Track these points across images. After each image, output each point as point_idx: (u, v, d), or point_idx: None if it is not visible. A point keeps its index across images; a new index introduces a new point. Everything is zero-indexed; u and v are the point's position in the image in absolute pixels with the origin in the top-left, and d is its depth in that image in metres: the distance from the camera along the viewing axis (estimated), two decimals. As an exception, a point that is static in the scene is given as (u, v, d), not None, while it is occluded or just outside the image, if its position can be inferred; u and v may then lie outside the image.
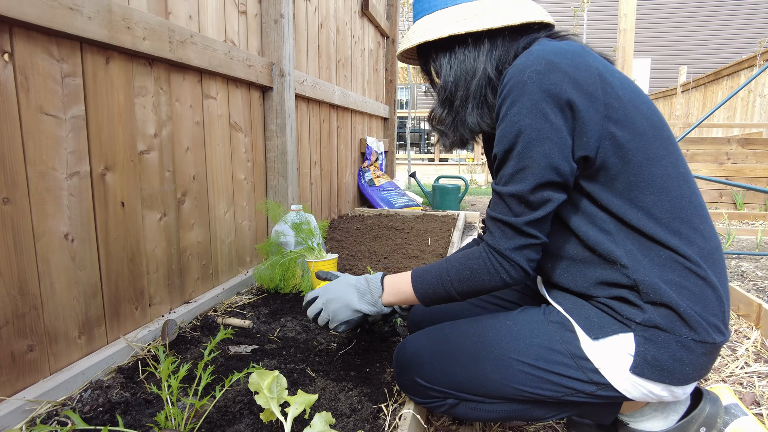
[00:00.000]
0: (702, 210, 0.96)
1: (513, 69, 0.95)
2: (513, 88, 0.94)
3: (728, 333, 0.94)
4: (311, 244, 1.93)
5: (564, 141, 0.92)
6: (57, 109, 1.21)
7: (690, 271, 0.91)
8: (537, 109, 0.91)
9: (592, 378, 0.97)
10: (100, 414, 1.16)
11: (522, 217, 0.96)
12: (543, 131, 0.91)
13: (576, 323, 1.00)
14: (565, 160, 0.92)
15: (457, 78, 1.09)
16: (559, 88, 0.90)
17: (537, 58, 0.93)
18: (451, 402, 1.09)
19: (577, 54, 0.94)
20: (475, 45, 1.06)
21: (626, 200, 0.94)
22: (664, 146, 0.95)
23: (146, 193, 1.54)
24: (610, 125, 0.92)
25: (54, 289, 1.23)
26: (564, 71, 0.91)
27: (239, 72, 1.96)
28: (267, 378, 1.07)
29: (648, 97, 1.00)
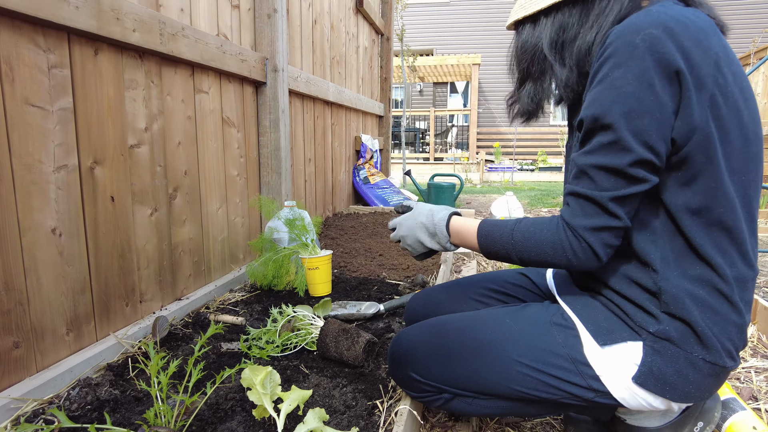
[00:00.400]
0: (753, 235, 0.90)
1: (623, 27, 0.85)
2: (620, 49, 0.84)
3: (739, 361, 0.90)
4: (305, 241, 1.91)
5: (667, 118, 0.82)
6: (44, 101, 1.18)
7: (721, 292, 0.86)
8: (645, 77, 0.81)
9: (591, 385, 0.94)
10: (88, 412, 1.13)
11: (609, 191, 0.86)
12: (646, 103, 0.82)
13: (584, 326, 0.96)
14: (663, 140, 0.83)
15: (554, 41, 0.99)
16: (673, 60, 0.80)
17: (655, 21, 0.82)
18: (446, 396, 1.07)
19: (701, 30, 0.84)
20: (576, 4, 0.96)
21: (690, 203, 0.86)
22: (749, 161, 0.87)
23: (137, 188, 1.52)
24: (709, 120, 0.83)
25: (41, 284, 1.20)
26: (681, 44, 0.81)
27: (232, 66, 1.94)
28: (260, 374, 1.05)
29: (755, 103, 0.91)
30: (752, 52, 6.34)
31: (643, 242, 0.90)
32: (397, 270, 2.28)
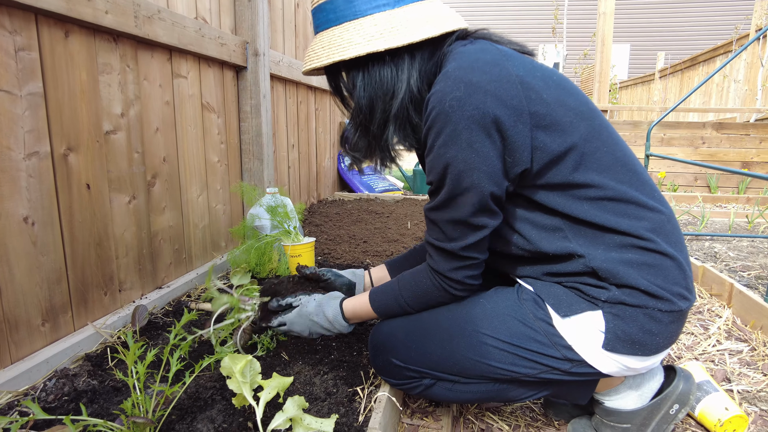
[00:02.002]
0: (646, 186, 0.96)
1: (434, 97, 0.91)
2: (436, 119, 0.90)
3: (693, 297, 0.95)
4: (288, 228, 1.89)
5: (493, 167, 0.90)
6: (11, 85, 1.14)
7: (644, 249, 0.92)
8: (462, 139, 0.88)
9: (565, 355, 0.97)
10: (65, 403, 1.12)
11: (458, 242, 0.97)
12: (470, 161, 0.89)
13: (546, 302, 1.00)
14: (496, 185, 0.92)
15: (374, 99, 1.00)
16: (482, 111, 0.87)
17: (455, 82, 0.88)
18: (427, 382, 1.08)
19: (495, 63, 0.90)
20: (393, 61, 0.97)
21: (569, 197, 0.94)
22: (597, 136, 0.94)
23: (114, 175, 1.49)
24: (539, 133, 0.91)
25: (13, 274, 1.18)
26: (485, 90, 0.87)
27: (211, 50, 1.90)
28: (239, 362, 1.04)
29: (575, 87, 0.99)
30: (734, 39, 6.39)
31: (557, 242, 0.96)
32: (381, 257, 2.28)
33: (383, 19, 0.94)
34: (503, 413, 1.28)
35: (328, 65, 0.99)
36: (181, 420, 1.07)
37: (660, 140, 5.25)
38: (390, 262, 1.42)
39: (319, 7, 1.00)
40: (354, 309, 1.18)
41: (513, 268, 1.06)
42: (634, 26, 13.80)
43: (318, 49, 1.00)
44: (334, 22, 0.97)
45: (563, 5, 10.94)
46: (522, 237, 0.99)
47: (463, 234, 0.96)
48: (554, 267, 0.98)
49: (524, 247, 0.99)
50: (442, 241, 0.99)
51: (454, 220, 0.95)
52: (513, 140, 0.89)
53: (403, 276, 1.11)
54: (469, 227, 0.95)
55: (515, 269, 1.06)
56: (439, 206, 0.96)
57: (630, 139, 5.28)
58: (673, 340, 0.96)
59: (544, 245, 0.96)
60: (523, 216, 0.98)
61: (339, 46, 0.96)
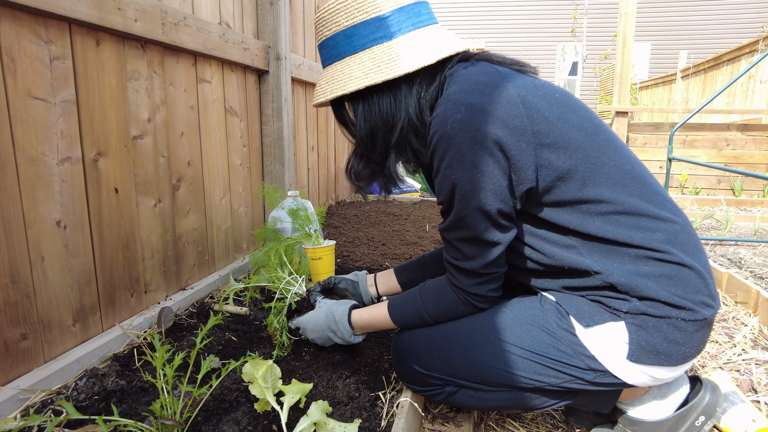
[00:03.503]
0: (658, 197, 0.96)
1: (435, 120, 0.92)
2: (439, 142, 0.91)
3: (717, 304, 0.94)
4: (308, 231, 1.91)
5: (499, 185, 0.91)
6: (46, 93, 1.18)
7: (661, 260, 0.91)
8: (465, 160, 0.90)
9: (589, 365, 0.97)
10: (96, 402, 1.15)
11: (476, 260, 0.98)
12: (476, 181, 0.90)
13: (568, 312, 1.00)
14: (503, 203, 0.92)
15: (374, 129, 1.03)
16: (483, 133, 0.88)
17: (456, 105, 0.90)
18: (449, 390, 1.09)
19: (495, 85, 0.92)
20: (392, 92, 1.00)
21: (579, 213, 0.94)
22: (602, 151, 0.94)
23: (140, 179, 1.52)
24: (543, 151, 0.91)
25: (47, 276, 1.21)
26: (485, 112, 0.89)
27: (234, 55, 1.92)
28: (261, 367, 1.06)
29: (578, 102, 0.99)
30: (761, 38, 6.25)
31: (571, 258, 0.96)
32: (400, 259, 2.29)
33: (381, 51, 0.97)
34: (524, 420, 1.28)
35: (333, 99, 1.03)
36: (207, 422, 1.09)
37: (682, 142, 5.17)
38: (399, 269, 1.44)
39: (322, 44, 1.05)
40: (370, 317, 1.20)
41: (533, 281, 1.07)
42: (655, 24, 13.57)
43: (323, 84, 1.04)
44: (336, 57, 1.02)
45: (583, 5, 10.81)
46: (538, 252, 1.00)
47: (479, 252, 0.98)
48: (572, 281, 0.99)
49: (541, 262, 1.00)
50: (461, 260, 1.00)
51: (468, 239, 0.97)
52: (516, 159, 0.90)
53: (425, 288, 1.12)
54: (484, 244, 0.97)
55: (535, 282, 1.07)
56: (451, 227, 0.98)
57: (651, 141, 5.20)
58: (700, 349, 0.95)
59: (560, 260, 0.97)
60: (537, 233, 0.99)
61: (340, 81, 1.00)
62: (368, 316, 1.20)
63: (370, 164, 1.09)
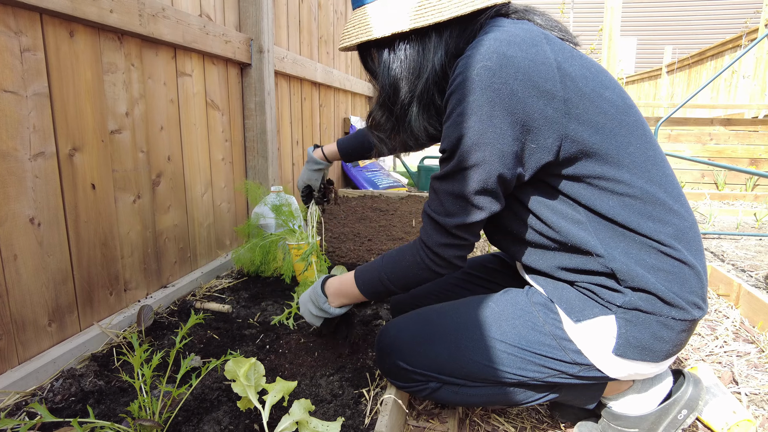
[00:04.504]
0: (674, 189, 0.94)
1: (463, 62, 0.88)
2: (460, 85, 0.87)
3: (706, 307, 0.94)
4: (292, 227, 1.88)
5: (507, 147, 0.87)
6: (17, 86, 1.14)
7: (666, 254, 0.90)
8: (482, 111, 0.85)
9: (574, 359, 0.97)
10: (72, 404, 1.12)
11: (453, 218, 0.94)
12: (485, 136, 0.86)
13: (558, 305, 1.00)
14: (506, 167, 0.89)
15: (398, 79, 0.98)
16: (510, 88, 0.84)
17: (488, 51, 0.85)
18: (433, 386, 1.08)
19: (534, 43, 0.87)
20: (419, 40, 0.96)
21: (594, 189, 0.91)
22: (630, 132, 0.92)
23: (119, 174, 1.48)
24: (571, 122, 0.87)
25: (20, 275, 1.18)
26: (518, 67, 0.84)
27: (216, 48, 1.89)
28: (243, 365, 1.04)
29: (614, 80, 0.96)
30: (744, 33, 6.32)
31: (578, 234, 0.93)
32: (386, 255, 2.27)
33: None
34: (509, 415, 1.28)
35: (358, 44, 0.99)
36: (188, 422, 1.07)
37: (667, 136, 5.21)
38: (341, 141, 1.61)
39: None
40: (340, 283, 1.17)
41: (529, 256, 1.03)
42: (641, 19, 13.67)
43: (350, 28, 1.00)
44: (365, 1, 0.97)
45: None
46: (544, 223, 0.96)
47: (460, 210, 0.93)
48: (571, 261, 0.96)
49: (545, 234, 0.97)
50: (439, 214, 0.96)
51: (455, 194, 0.93)
52: (538, 125, 0.86)
53: (388, 253, 1.10)
54: (468, 205, 0.92)
55: (531, 258, 1.03)
56: (444, 176, 0.94)
57: (636, 135, 5.23)
58: (681, 348, 0.95)
59: (565, 233, 0.94)
60: (547, 204, 0.95)
61: (367, 25, 0.96)
62: (338, 282, 1.17)
63: (391, 116, 1.03)
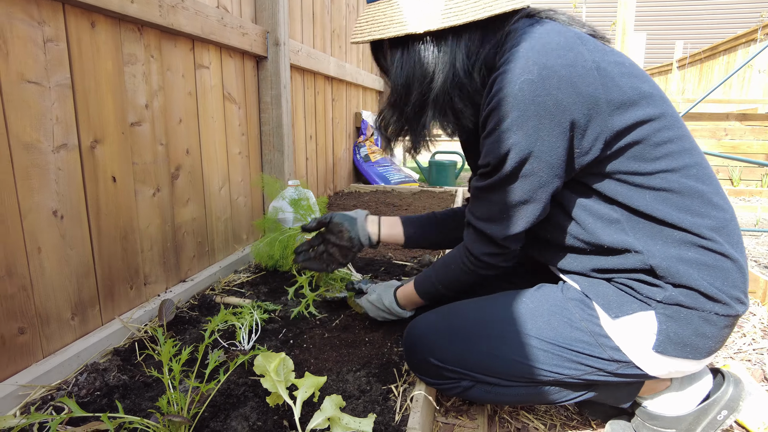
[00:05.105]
0: (711, 181, 0.92)
1: (502, 78, 0.86)
2: (503, 101, 0.85)
3: (748, 301, 0.91)
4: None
5: (557, 158, 0.87)
6: (40, 77, 1.12)
7: (706, 248, 0.87)
8: (529, 125, 0.84)
9: (612, 356, 0.95)
10: (98, 398, 1.11)
11: (501, 228, 0.96)
12: (534, 149, 0.86)
13: (594, 302, 0.97)
14: (556, 177, 0.89)
15: (410, 81, 0.96)
16: (555, 99, 0.83)
17: (527, 64, 0.84)
18: (465, 384, 1.05)
19: (570, 47, 0.86)
20: (436, 42, 0.93)
21: (632, 187, 0.90)
22: (669, 126, 0.90)
23: (139, 167, 1.47)
24: (613, 121, 0.86)
25: (44, 268, 1.16)
26: (560, 76, 0.83)
27: (233, 40, 1.86)
28: (273, 360, 1.02)
29: (645, 73, 0.95)
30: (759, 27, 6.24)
31: (614, 234, 0.92)
32: (402, 251, 2.25)
33: None
34: (537, 412, 1.26)
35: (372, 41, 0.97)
36: (215, 417, 1.05)
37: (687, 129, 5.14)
38: (406, 221, 1.43)
39: None
40: (405, 294, 1.28)
41: (561, 259, 1.02)
42: (650, 14, 13.53)
43: (363, 24, 0.98)
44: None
45: (579, -8, 10.74)
46: (579, 225, 0.95)
47: (506, 220, 0.94)
48: (607, 261, 0.94)
49: (579, 237, 0.95)
50: (485, 221, 0.97)
51: (502, 204, 0.93)
52: (584, 130, 0.85)
53: (438, 262, 1.16)
54: (515, 215, 0.93)
55: (563, 261, 1.02)
56: (490, 188, 0.94)
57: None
58: (723, 344, 0.93)
59: (600, 235, 0.92)
60: (582, 204, 0.94)
61: (380, 23, 0.93)
62: (402, 293, 1.28)
63: (402, 117, 1.01)
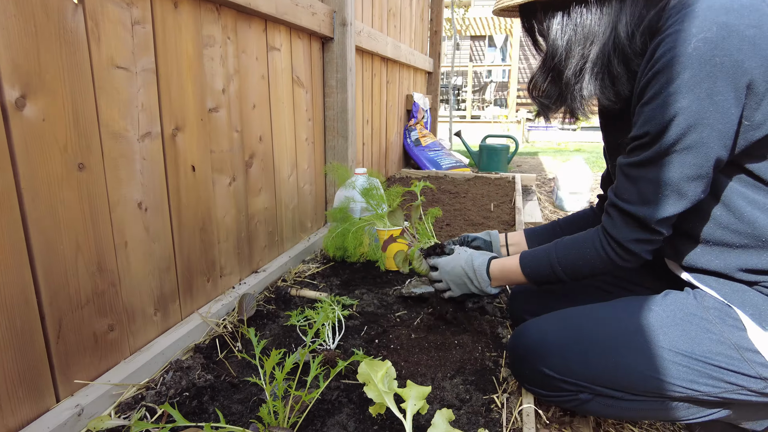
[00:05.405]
0: None
1: (671, 38, 0.77)
2: (672, 62, 0.77)
3: None
4: (381, 212, 1.78)
5: (729, 127, 0.77)
6: (128, 61, 1.06)
7: None
8: (702, 87, 0.75)
9: (761, 373, 0.84)
10: (187, 399, 1.07)
11: (654, 209, 0.85)
12: (705, 115, 0.76)
13: (740, 311, 0.86)
14: (725, 149, 0.79)
15: (571, 44, 0.90)
16: (734, 60, 0.74)
17: (705, 22, 0.75)
18: (584, 397, 0.96)
19: (754, 8, 0.76)
20: (599, 3, 0.86)
21: None
22: None
23: (216, 155, 1.41)
24: None
25: (129, 263, 1.12)
26: (742, 36, 0.74)
27: (303, 20, 1.77)
28: (378, 369, 0.95)
29: None
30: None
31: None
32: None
33: None
34: (642, 425, 1.16)
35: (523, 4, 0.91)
36: (311, 425, 0.99)
37: None
38: (530, 234, 1.37)
39: None
40: (503, 267, 1.15)
41: (700, 255, 0.91)
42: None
43: None
44: None
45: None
46: (733, 215, 0.84)
47: (663, 200, 0.84)
48: (761, 259, 0.83)
49: (732, 227, 0.85)
50: (635, 204, 0.87)
51: (660, 181, 0.83)
52: (761, 101, 0.76)
53: (563, 242, 1.04)
54: (674, 194, 0.83)
55: (703, 258, 0.91)
56: (645, 162, 0.84)
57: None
58: None
59: (759, 227, 0.82)
60: (737, 189, 0.84)
61: None
62: (501, 266, 1.15)
63: (559, 82, 0.95)
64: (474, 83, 13.96)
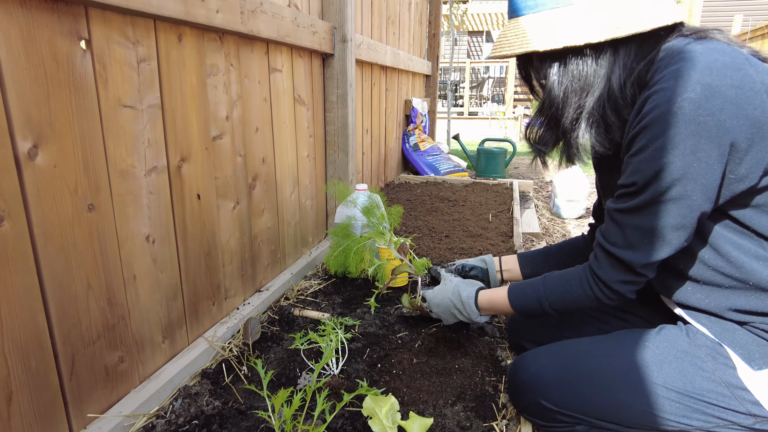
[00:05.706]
0: None
1: (658, 96, 0.81)
2: (658, 119, 0.80)
3: None
4: (382, 230, 1.81)
5: (713, 182, 0.80)
6: (134, 99, 1.08)
7: None
8: (685, 145, 0.78)
9: (751, 410, 0.88)
10: (196, 428, 1.09)
11: (639, 254, 0.89)
12: (689, 171, 0.80)
13: (731, 350, 0.90)
14: (708, 202, 0.82)
15: (568, 93, 0.92)
16: (717, 120, 0.76)
17: (689, 82, 0.78)
18: (581, 429, 1.00)
19: (737, 67, 0.78)
20: (594, 55, 0.89)
21: None
22: None
23: (220, 181, 1.43)
24: None
25: (138, 295, 1.15)
26: (725, 97, 0.76)
27: (305, 40, 1.79)
28: (383, 405, 0.98)
29: None
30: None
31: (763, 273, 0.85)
32: (468, 254, 2.18)
33: (586, 6, 0.85)
34: (638, 448, 1.19)
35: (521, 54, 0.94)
36: (318, 455, 1.02)
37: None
38: (523, 260, 1.42)
39: None
40: (491, 300, 1.18)
41: (692, 294, 0.94)
42: (704, -16, 12.70)
43: (511, 36, 0.94)
44: (531, 8, 0.91)
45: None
46: (723, 259, 0.88)
47: (648, 246, 0.87)
48: (749, 301, 0.87)
49: (721, 270, 0.88)
50: (621, 248, 0.90)
51: (645, 229, 0.86)
52: (743, 156, 0.79)
53: (550, 276, 1.08)
54: (658, 241, 0.86)
55: (694, 297, 0.94)
56: (632, 209, 0.88)
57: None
58: None
59: (747, 272, 0.85)
60: (727, 236, 0.87)
61: (533, 36, 0.90)
62: (489, 298, 1.19)
63: (555, 129, 0.99)
64: (471, 79, 13.94)
